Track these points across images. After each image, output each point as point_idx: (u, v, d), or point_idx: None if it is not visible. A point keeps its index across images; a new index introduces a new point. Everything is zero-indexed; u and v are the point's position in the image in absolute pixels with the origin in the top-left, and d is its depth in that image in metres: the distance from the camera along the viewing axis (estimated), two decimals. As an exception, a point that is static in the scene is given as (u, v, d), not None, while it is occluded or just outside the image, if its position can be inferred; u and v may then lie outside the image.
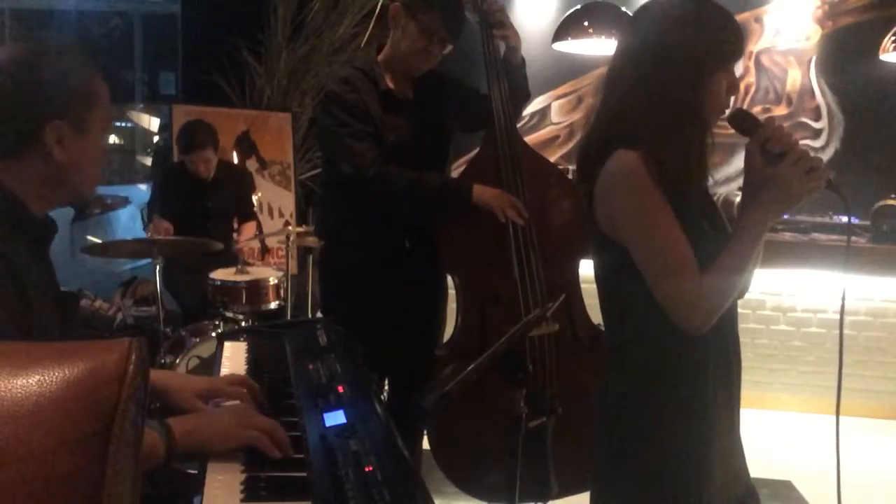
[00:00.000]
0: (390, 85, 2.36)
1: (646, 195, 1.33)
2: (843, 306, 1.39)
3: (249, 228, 4.10)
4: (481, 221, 2.30)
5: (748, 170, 1.35)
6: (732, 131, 1.38)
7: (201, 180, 3.87)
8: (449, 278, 2.54)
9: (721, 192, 3.96)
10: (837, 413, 1.34)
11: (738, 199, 3.53)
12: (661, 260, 1.33)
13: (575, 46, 3.75)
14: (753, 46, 4.65)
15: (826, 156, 4.52)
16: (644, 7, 1.44)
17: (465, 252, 2.38)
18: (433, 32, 2.26)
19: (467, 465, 2.42)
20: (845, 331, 1.37)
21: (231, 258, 3.75)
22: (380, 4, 4.35)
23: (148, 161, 5.90)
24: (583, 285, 2.38)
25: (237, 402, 1.36)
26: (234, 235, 3.98)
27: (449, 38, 2.29)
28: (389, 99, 2.35)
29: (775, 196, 1.30)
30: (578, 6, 3.74)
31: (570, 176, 3.17)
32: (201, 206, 3.83)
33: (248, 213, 4.11)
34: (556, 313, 2.28)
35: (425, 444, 2.59)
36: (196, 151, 3.80)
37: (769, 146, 1.30)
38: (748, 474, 1.52)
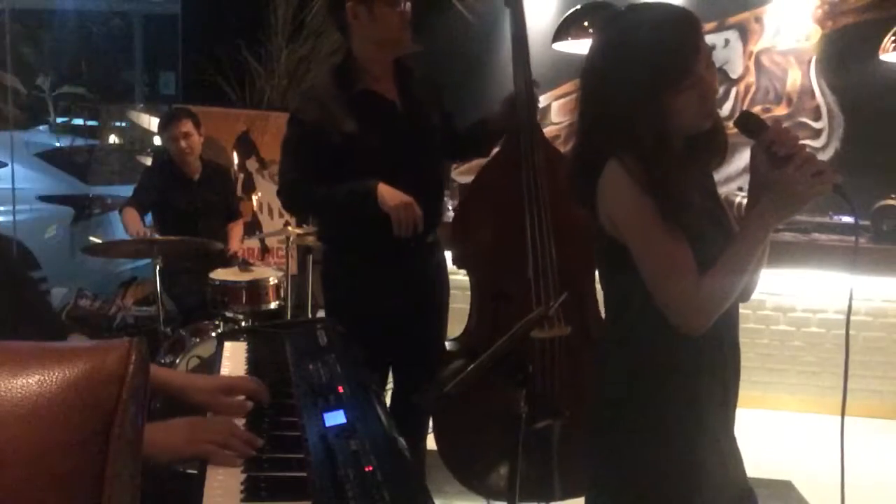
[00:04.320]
0: (370, 85, 2.30)
1: (637, 201, 1.33)
2: (849, 308, 1.38)
3: (237, 228, 4.08)
4: (499, 219, 2.30)
5: (753, 172, 1.35)
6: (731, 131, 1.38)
7: (189, 180, 3.85)
8: (463, 274, 2.54)
9: (721, 191, 3.96)
10: (843, 414, 1.34)
11: (737, 199, 3.53)
12: (659, 262, 1.34)
13: (575, 46, 3.74)
14: (753, 46, 4.65)
15: (826, 156, 4.52)
16: (601, 27, 1.47)
17: (481, 248, 2.38)
18: None
19: (472, 463, 2.42)
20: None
21: (228, 258, 3.75)
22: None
23: (148, 161, 5.89)
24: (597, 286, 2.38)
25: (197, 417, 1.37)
26: (228, 242, 3.94)
27: None
28: (369, 99, 2.29)
29: (780, 199, 1.29)
30: (578, 6, 3.74)
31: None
32: (192, 206, 3.82)
33: (234, 213, 4.10)
34: (569, 315, 2.28)
35: (431, 443, 2.59)
36: (173, 122, 3.77)
37: (775, 149, 1.29)
38: (745, 475, 1.52)
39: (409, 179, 2.29)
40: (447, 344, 2.50)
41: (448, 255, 2.60)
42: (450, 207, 4.17)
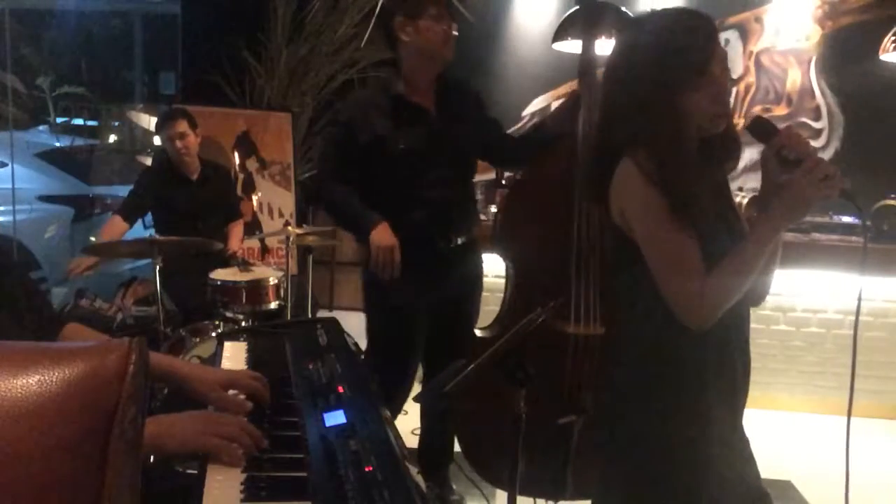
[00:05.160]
0: (408, 94, 2.44)
1: (648, 197, 1.35)
2: (858, 309, 1.40)
3: (237, 228, 4.08)
4: (548, 213, 2.35)
5: (764, 175, 1.39)
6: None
7: (188, 180, 3.85)
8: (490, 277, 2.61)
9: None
10: (849, 414, 1.35)
11: (737, 198, 3.53)
12: (666, 256, 1.36)
13: (575, 46, 3.74)
14: (753, 46, 4.65)
15: (826, 156, 4.52)
16: (620, 29, 1.51)
17: (526, 243, 2.43)
18: (436, 14, 2.36)
19: (491, 454, 2.43)
20: (846, 331, 1.38)
21: (228, 258, 3.75)
22: (379, 5, 4.35)
23: (148, 161, 5.90)
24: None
25: (209, 410, 1.36)
26: (228, 242, 3.94)
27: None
28: (405, 107, 2.43)
29: (788, 202, 1.32)
30: (578, 6, 3.74)
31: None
32: (191, 206, 3.81)
33: (234, 213, 4.10)
34: (607, 316, 2.29)
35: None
36: (168, 123, 3.77)
37: (785, 152, 1.33)
38: (758, 476, 1.52)
39: (438, 184, 2.42)
40: (477, 332, 2.54)
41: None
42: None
